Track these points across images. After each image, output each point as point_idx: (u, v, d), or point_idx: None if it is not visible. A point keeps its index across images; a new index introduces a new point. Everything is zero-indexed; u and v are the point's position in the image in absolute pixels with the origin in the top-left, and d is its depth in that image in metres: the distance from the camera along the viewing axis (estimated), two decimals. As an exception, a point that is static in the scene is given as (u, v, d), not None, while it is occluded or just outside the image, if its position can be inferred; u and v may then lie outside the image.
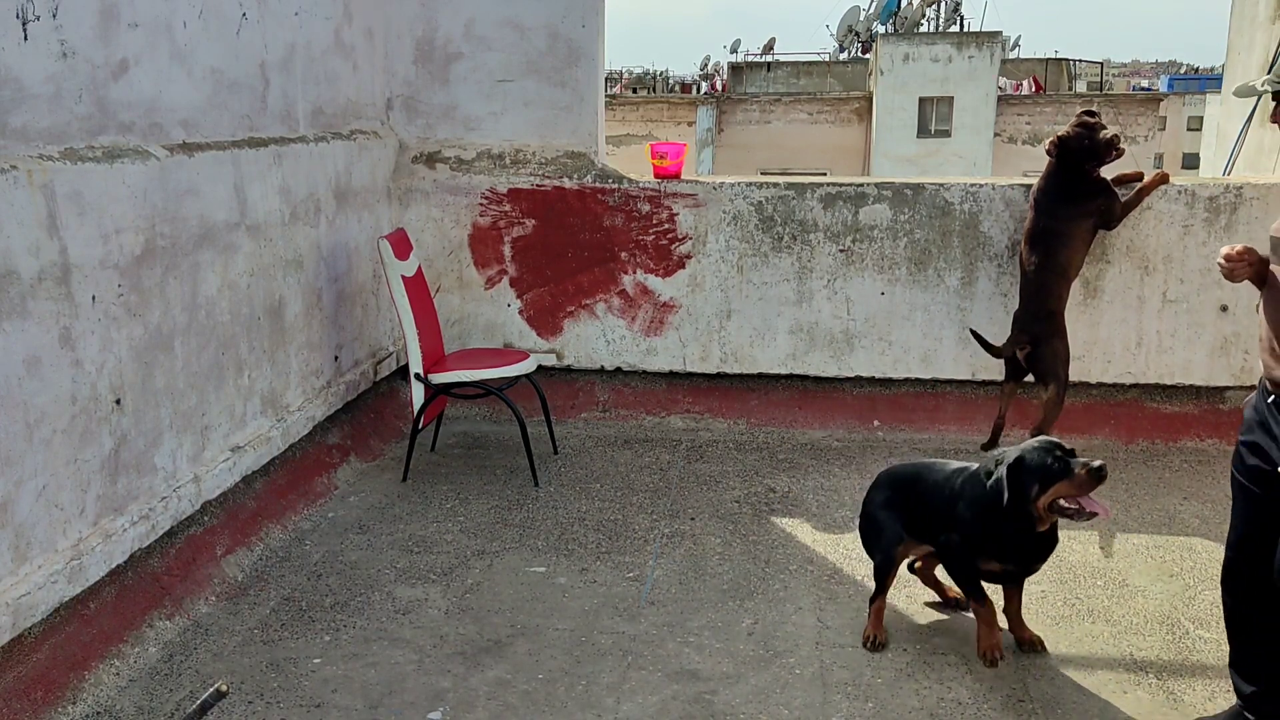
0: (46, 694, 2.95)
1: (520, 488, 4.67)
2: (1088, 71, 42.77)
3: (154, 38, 3.57)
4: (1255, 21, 6.01)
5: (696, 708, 3.02)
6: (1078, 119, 4.70)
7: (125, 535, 3.37)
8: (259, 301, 4.22)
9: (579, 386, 5.66)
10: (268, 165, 4.26)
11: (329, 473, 4.69)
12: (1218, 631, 3.42)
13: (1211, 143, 18.42)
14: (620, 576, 3.83)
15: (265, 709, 3.02)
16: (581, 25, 5.40)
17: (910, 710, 3.01)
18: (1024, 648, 3.33)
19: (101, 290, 3.26)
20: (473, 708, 3.03)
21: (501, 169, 5.54)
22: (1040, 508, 3.04)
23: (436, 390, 4.69)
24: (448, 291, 5.64)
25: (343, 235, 4.96)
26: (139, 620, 3.37)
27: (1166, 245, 5.12)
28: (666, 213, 5.41)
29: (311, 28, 4.68)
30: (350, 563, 3.95)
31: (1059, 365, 4.70)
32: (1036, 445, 3.10)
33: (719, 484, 4.69)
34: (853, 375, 5.43)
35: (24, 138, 3.01)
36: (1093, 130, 4.65)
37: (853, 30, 37.18)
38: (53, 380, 3.06)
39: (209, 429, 3.90)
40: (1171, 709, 3.02)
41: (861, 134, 29.45)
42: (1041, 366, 4.75)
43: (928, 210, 5.26)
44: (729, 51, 44.55)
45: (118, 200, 3.32)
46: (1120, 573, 3.84)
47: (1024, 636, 3.35)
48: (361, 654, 3.31)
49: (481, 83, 5.52)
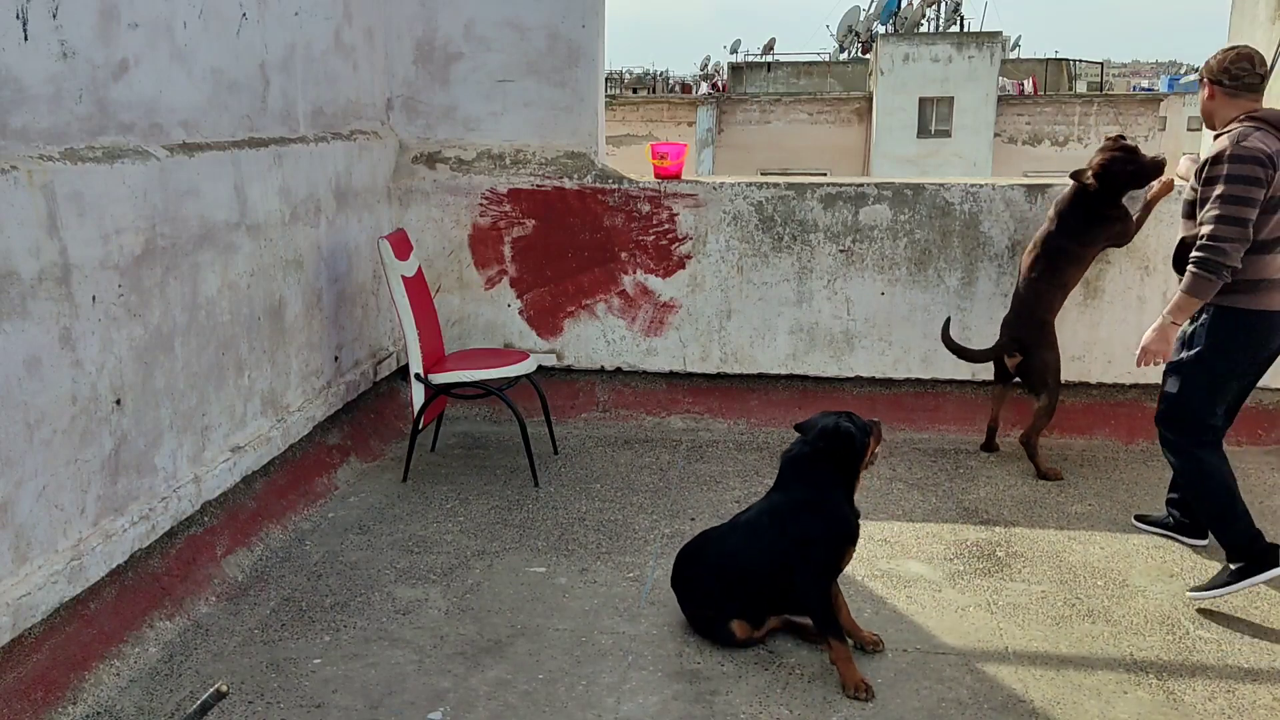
0: (47, 694, 2.95)
1: (520, 488, 4.67)
2: (1088, 71, 42.76)
3: (154, 38, 3.58)
4: (1255, 21, 6.01)
5: (696, 708, 3.02)
6: (1114, 144, 4.62)
7: (125, 535, 3.37)
8: (259, 302, 4.22)
9: (579, 386, 5.66)
10: (268, 165, 4.26)
11: (329, 473, 4.69)
12: (1218, 631, 3.43)
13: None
14: (620, 576, 3.83)
15: (265, 709, 3.02)
16: (581, 25, 5.40)
17: (910, 710, 3.01)
18: (868, 649, 3.30)
19: (102, 290, 3.26)
20: (473, 708, 3.03)
21: (501, 169, 5.54)
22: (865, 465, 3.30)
23: (436, 390, 4.69)
24: (448, 292, 5.64)
25: (343, 235, 4.96)
26: (139, 620, 3.37)
27: (1166, 245, 5.08)
28: (667, 213, 5.41)
29: (311, 28, 4.68)
30: (350, 563, 3.95)
31: (1049, 375, 4.70)
32: (836, 417, 3.28)
33: (719, 484, 4.69)
34: (853, 375, 5.43)
35: (24, 138, 3.01)
36: (1135, 154, 4.59)
37: (853, 30, 37.21)
38: (53, 380, 3.06)
39: (209, 429, 3.90)
40: (1171, 709, 3.02)
41: (861, 134, 29.46)
42: (1032, 378, 4.77)
43: (928, 210, 5.26)
44: (729, 52, 44.53)
45: (118, 200, 3.32)
46: (1120, 573, 3.84)
47: (865, 637, 3.32)
48: (361, 654, 3.31)
49: (481, 83, 5.52)
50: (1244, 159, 3.40)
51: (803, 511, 3.22)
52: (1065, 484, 4.66)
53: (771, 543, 3.24)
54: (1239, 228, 3.40)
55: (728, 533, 3.42)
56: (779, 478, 3.37)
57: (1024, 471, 4.79)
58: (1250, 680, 3.15)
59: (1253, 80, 3.57)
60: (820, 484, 3.25)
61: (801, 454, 3.29)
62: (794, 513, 3.24)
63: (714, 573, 3.37)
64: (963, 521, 4.23)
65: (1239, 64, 3.58)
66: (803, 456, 3.28)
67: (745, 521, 3.38)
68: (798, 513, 3.23)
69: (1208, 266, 3.44)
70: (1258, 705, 3.03)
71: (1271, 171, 3.40)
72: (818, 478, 3.25)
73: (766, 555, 3.24)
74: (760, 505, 3.38)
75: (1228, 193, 3.41)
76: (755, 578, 3.28)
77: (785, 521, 3.24)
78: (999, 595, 3.68)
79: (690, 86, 44.02)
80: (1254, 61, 3.56)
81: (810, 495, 3.24)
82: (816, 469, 3.26)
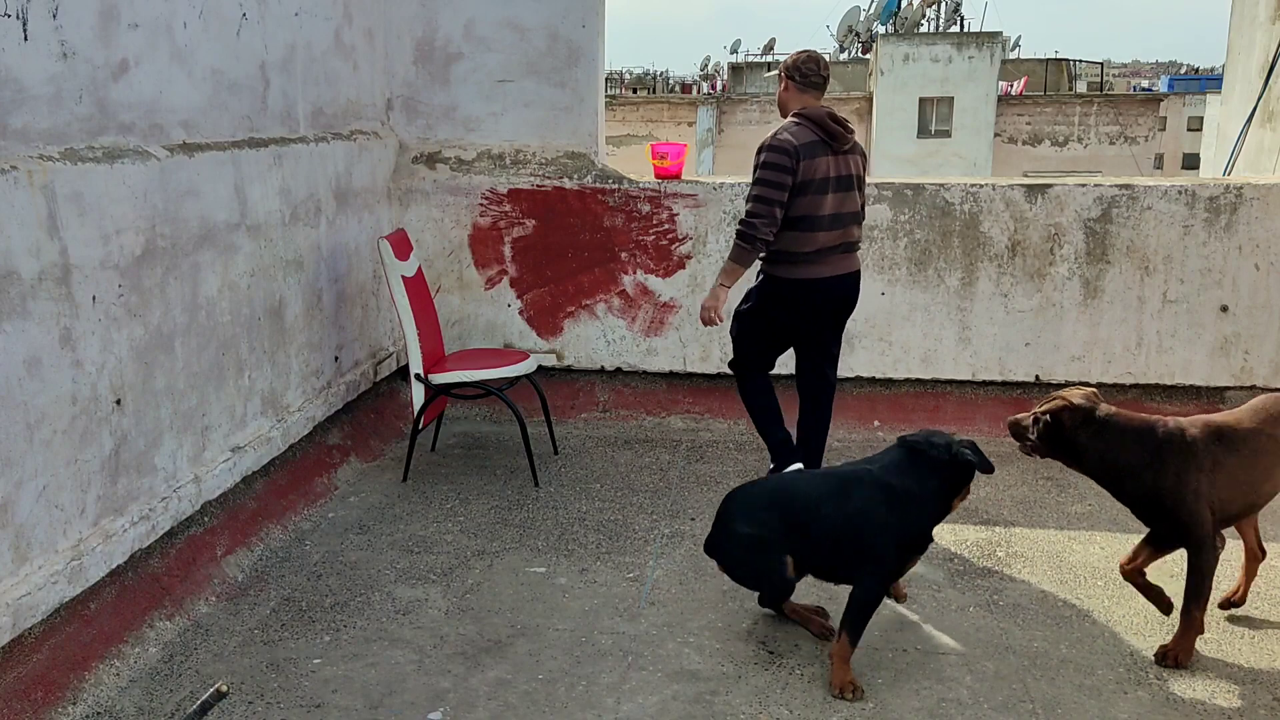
0: (47, 694, 2.95)
1: (520, 488, 4.67)
2: (1088, 72, 42.81)
3: (154, 38, 3.58)
4: (1255, 21, 6.01)
5: (696, 708, 3.03)
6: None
7: (125, 535, 3.38)
8: (259, 302, 4.23)
9: (579, 387, 5.66)
10: (268, 166, 4.26)
11: (329, 473, 4.70)
12: (1218, 632, 3.43)
13: (1212, 143, 18.41)
14: (620, 577, 3.83)
15: (265, 709, 3.02)
16: (581, 25, 5.40)
17: (910, 710, 3.01)
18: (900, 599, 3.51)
19: (102, 291, 3.26)
20: (473, 708, 3.03)
21: (501, 169, 5.54)
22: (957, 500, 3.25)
23: (437, 390, 4.69)
24: (448, 292, 5.64)
25: (343, 236, 4.96)
26: (139, 620, 3.37)
27: (1166, 245, 5.12)
28: (667, 213, 5.41)
29: (311, 28, 4.68)
30: (350, 563, 3.95)
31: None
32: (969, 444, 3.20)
33: (719, 484, 4.69)
34: (853, 375, 5.43)
35: (24, 138, 3.01)
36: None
37: (853, 30, 37.22)
38: (53, 381, 3.06)
39: (209, 429, 3.90)
40: (1171, 709, 3.02)
41: (861, 134, 29.43)
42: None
43: (928, 210, 5.26)
44: (729, 52, 44.59)
45: (118, 201, 3.32)
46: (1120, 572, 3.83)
47: (899, 591, 3.50)
48: (361, 654, 3.31)
49: (481, 83, 5.52)
50: (775, 149, 4.07)
51: (909, 504, 3.14)
52: (1065, 484, 4.66)
53: (861, 509, 3.15)
54: (769, 207, 4.07)
55: (817, 478, 3.46)
56: (891, 457, 3.25)
57: (1024, 471, 4.79)
58: (1250, 680, 3.15)
59: (816, 80, 4.27)
60: (925, 489, 3.17)
61: (928, 453, 3.17)
62: (898, 498, 3.14)
63: (782, 508, 3.28)
64: (963, 521, 4.23)
65: (808, 65, 4.28)
66: (927, 456, 3.17)
67: (841, 476, 3.31)
68: (902, 501, 3.14)
69: (743, 239, 4.12)
70: (1258, 705, 3.03)
71: (797, 161, 4.05)
72: (926, 482, 3.17)
73: (850, 517, 3.16)
74: (863, 469, 3.27)
75: (760, 178, 4.08)
76: (825, 530, 3.19)
77: (886, 500, 3.13)
78: (999, 595, 3.68)
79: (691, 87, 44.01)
80: (819, 64, 4.29)
81: (915, 492, 3.16)
82: (931, 475, 3.16)
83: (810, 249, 4.15)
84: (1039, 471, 4.80)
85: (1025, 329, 5.28)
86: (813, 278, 4.20)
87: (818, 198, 4.10)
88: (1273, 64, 5.72)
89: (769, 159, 4.07)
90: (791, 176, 4.04)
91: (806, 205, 4.10)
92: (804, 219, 4.11)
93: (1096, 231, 5.15)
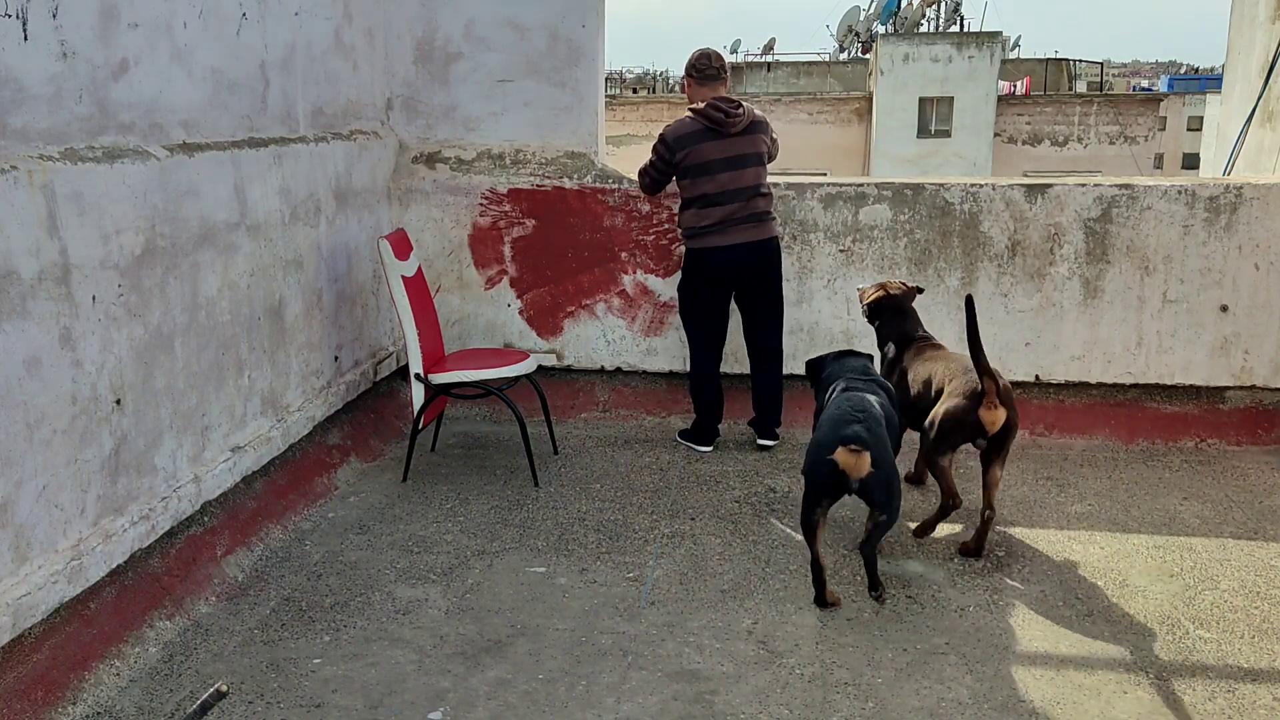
0: (47, 694, 2.95)
1: (520, 488, 4.67)
2: (1088, 72, 42.77)
3: (154, 38, 3.58)
4: (1255, 21, 6.01)
5: (696, 708, 3.03)
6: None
7: (125, 535, 3.37)
8: (259, 302, 4.22)
9: (579, 386, 5.66)
10: (268, 165, 4.26)
11: (329, 473, 4.70)
12: (1218, 631, 3.43)
13: (1211, 143, 18.43)
14: (620, 576, 3.83)
15: (265, 709, 3.02)
16: (581, 25, 5.40)
17: (910, 710, 3.01)
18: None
19: (102, 290, 3.26)
20: (473, 708, 3.03)
21: (501, 169, 5.54)
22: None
23: (436, 390, 4.69)
24: (448, 291, 5.64)
25: (343, 235, 4.96)
26: (139, 620, 3.37)
27: (1166, 245, 5.12)
28: (667, 213, 5.41)
29: (311, 28, 4.68)
30: (350, 563, 3.95)
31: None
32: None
33: (719, 484, 4.69)
34: (853, 375, 5.43)
35: (24, 138, 3.01)
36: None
37: (853, 30, 37.20)
38: (53, 380, 3.06)
39: (209, 429, 3.90)
40: (1171, 709, 3.02)
41: (861, 134, 29.48)
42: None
43: (928, 210, 5.26)
44: (729, 52, 44.48)
45: (118, 200, 3.32)
46: (1120, 573, 3.84)
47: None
48: (361, 654, 3.31)
49: (481, 83, 5.52)
50: (661, 139, 4.83)
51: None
52: (1065, 484, 4.66)
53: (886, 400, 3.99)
54: (647, 179, 5.00)
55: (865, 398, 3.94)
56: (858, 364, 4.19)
57: (1024, 471, 4.79)
58: (1250, 680, 3.15)
59: (711, 73, 4.87)
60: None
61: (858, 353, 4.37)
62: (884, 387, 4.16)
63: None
64: (963, 521, 4.23)
65: (702, 61, 4.89)
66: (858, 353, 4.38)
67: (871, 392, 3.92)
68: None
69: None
70: (1258, 705, 3.03)
71: (673, 151, 4.77)
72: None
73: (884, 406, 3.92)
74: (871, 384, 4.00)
75: (648, 159, 4.92)
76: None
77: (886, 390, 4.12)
78: (999, 595, 3.68)
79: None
80: (711, 59, 4.88)
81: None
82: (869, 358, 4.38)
83: (709, 222, 4.79)
84: (1039, 471, 4.80)
85: (1025, 329, 5.28)
86: (715, 245, 4.81)
87: (707, 178, 4.75)
88: (1273, 64, 5.72)
89: (657, 145, 4.86)
90: (667, 164, 4.84)
91: (700, 185, 4.77)
92: (700, 197, 4.78)
93: (1096, 231, 5.15)
